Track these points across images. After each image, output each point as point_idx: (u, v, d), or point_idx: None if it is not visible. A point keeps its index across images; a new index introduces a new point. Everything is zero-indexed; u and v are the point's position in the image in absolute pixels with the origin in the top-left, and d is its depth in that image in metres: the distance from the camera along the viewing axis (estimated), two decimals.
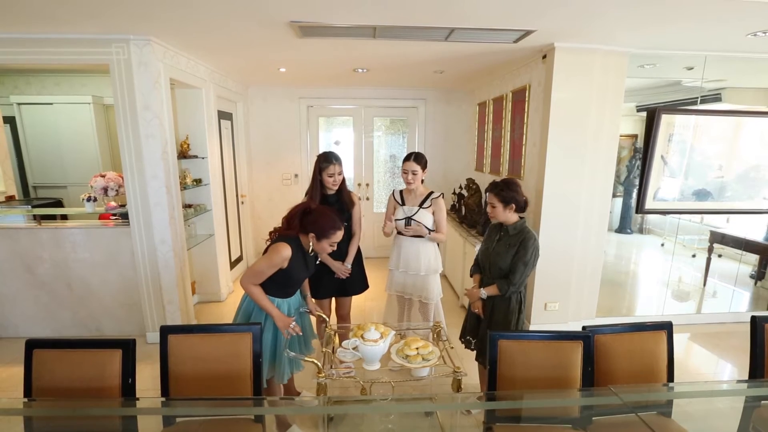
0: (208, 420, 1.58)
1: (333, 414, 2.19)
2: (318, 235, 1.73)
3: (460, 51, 2.92)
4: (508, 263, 1.93)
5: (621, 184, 6.05)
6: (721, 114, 3.16)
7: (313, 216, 1.75)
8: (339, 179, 2.32)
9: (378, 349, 1.65)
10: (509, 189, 1.91)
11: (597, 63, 2.81)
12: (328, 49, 2.92)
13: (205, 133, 3.49)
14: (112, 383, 1.42)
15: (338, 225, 1.76)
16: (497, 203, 1.93)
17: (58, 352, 1.43)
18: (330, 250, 1.81)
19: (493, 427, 1.52)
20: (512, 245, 1.92)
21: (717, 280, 4.43)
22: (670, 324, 1.62)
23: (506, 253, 1.93)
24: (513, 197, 1.90)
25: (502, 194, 1.91)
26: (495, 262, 1.97)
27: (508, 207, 1.91)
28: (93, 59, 2.58)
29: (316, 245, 1.76)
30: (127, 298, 3.02)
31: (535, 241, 1.92)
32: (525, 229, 1.95)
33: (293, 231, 1.77)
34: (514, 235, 1.94)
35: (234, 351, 1.55)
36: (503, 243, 1.96)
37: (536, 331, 1.56)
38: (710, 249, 4.26)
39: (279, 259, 1.69)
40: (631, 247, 6.12)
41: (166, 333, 1.54)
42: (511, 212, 1.93)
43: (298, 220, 1.76)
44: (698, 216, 5.09)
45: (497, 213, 1.95)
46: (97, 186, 2.85)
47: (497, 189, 1.93)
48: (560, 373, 1.50)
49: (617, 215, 6.17)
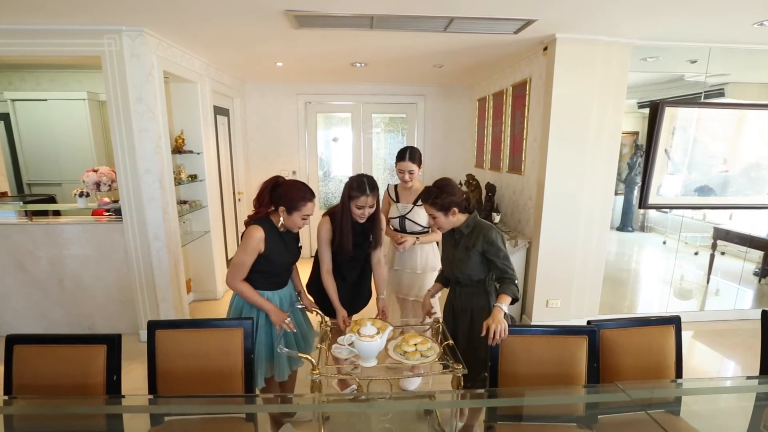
0: (198, 419, 1.52)
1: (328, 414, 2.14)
2: (288, 208, 1.64)
3: (460, 43, 2.87)
4: (475, 268, 1.70)
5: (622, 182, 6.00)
6: (725, 107, 3.11)
7: (281, 189, 1.67)
8: (369, 212, 1.90)
9: (375, 345, 1.59)
10: (444, 193, 1.66)
11: (599, 55, 2.76)
12: (325, 42, 2.86)
13: (200, 129, 3.43)
14: (97, 380, 1.37)
15: (308, 196, 1.66)
16: (437, 213, 1.68)
17: (41, 348, 1.38)
18: (302, 225, 1.70)
19: (494, 426, 1.46)
20: (472, 246, 1.69)
21: (720, 278, 4.37)
22: (679, 318, 1.56)
23: (470, 258, 1.69)
24: (451, 201, 1.66)
25: (437, 202, 1.66)
26: (463, 270, 1.72)
27: (450, 213, 1.68)
28: (84, 51, 2.53)
29: (287, 220, 1.66)
30: (121, 295, 2.96)
31: (494, 230, 1.70)
32: (479, 223, 1.72)
33: (263, 210, 1.69)
34: (469, 234, 1.72)
35: (225, 347, 1.49)
36: (462, 247, 1.73)
37: (539, 325, 1.50)
38: (714, 246, 4.20)
39: (254, 242, 1.61)
40: (632, 245, 6.07)
41: (154, 328, 1.48)
42: (454, 216, 1.70)
43: (268, 195, 1.68)
44: (701, 214, 5.04)
45: (441, 223, 1.71)
46: (90, 181, 2.80)
47: (431, 198, 1.68)
48: (564, 370, 1.44)
49: (618, 213, 6.12)
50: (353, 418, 2.17)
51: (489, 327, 1.45)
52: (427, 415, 2.18)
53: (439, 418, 2.07)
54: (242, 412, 1.49)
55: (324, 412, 2.08)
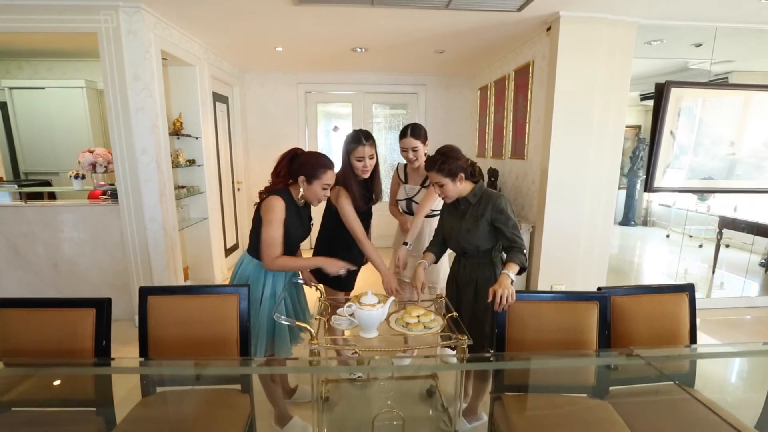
0: (191, 390, 1.45)
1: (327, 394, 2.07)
2: (308, 177, 1.58)
3: (462, 23, 2.82)
4: (483, 238, 1.62)
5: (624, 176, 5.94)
6: (730, 87, 3.06)
7: (300, 158, 1.62)
8: (371, 164, 1.91)
9: (376, 315, 1.52)
10: (450, 159, 1.58)
11: (604, 34, 2.71)
12: (324, 22, 2.82)
13: (199, 113, 3.38)
14: (85, 345, 1.30)
15: (329, 164, 1.60)
16: (444, 179, 1.58)
17: (25, 312, 1.31)
18: (322, 196, 1.64)
19: (502, 397, 1.39)
20: (480, 215, 1.61)
21: (725, 271, 4.31)
22: (692, 286, 1.50)
23: (478, 228, 1.61)
24: (458, 167, 1.58)
25: (444, 168, 1.57)
26: (471, 241, 1.64)
27: (458, 179, 1.60)
28: (81, 27, 2.48)
29: (307, 190, 1.60)
30: (116, 279, 2.90)
31: (503, 198, 1.62)
32: (486, 192, 1.64)
33: (281, 182, 1.63)
34: (477, 203, 1.63)
35: (220, 314, 1.43)
36: (470, 217, 1.64)
37: (548, 291, 1.44)
38: (719, 236, 4.14)
39: (278, 213, 1.55)
40: (635, 239, 6.00)
41: (146, 294, 1.42)
42: (462, 183, 1.62)
43: (286, 167, 1.62)
44: (705, 206, 4.98)
45: (448, 191, 1.61)
46: (85, 161, 2.74)
47: (437, 165, 1.58)
48: (574, 336, 1.37)
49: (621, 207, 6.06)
50: (353, 400, 2.11)
51: (495, 292, 1.39)
52: (429, 397, 2.12)
53: (443, 398, 2.01)
54: (237, 374, 1.42)
55: (324, 392, 2.02)
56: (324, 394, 2.02)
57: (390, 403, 1.73)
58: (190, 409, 1.38)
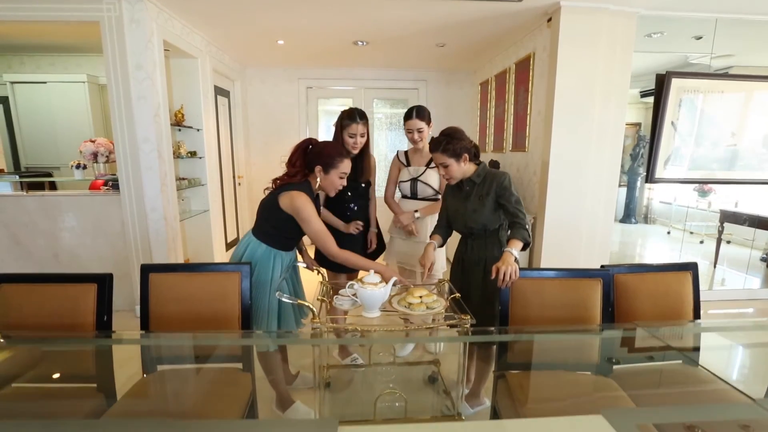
0: (192, 369, 1.45)
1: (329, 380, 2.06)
2: (325, 167, 1.57)
3: (462, 14, 2.84)
4: (489, 217, 1.64)
5: (625, 174, 5.93)
6: (731, 78, 3.06)
7: (315, 148, 1.61)
8: (361, 141, 1.99)
9: (378, 293, 1.52)
10: (454, 139, 1.60)
11: (605, 24, 2.72)
12: (326, 14, 2.83)
13: (200, 106, 3.39)
14: (86, 320, 1.30)
15: (344, 152, 1.62)
16: (449, 160, 1.60)
17: (27, 287, 1.31)
18: (339, 185, 1.64)
19: (505, 375, 1.38)
20: (485, 194, 1.63)
21: (726, 267, 4.31)
22: (695, 264, 1.50)
23: (484, 207, 1.63)
24: (462, 147, 1.59)
25: (449, 148, 1.59)
26: (477, 220, 1.66)
27: (462, 159, 1.61)
28: (83, 16, 2.49)
29: (324, 180, 1.60)
30: (116, 269, 2.87)
31: (507, 176, 1.64)
32: (490, 171, 1.67)
33: (298, 175, 1.61)
34: (481, 183, 1.65)
35: (221, 291, 1.43)
36: (475, 196, 1.67)
37: (551, 268, 1.43)
38: (721, 227, 4.13)
39: (310, 205, 1.53)
40: (636, 236, 6.00)
41: (148, 272, 1.41)
42: (466, 164, 1.64)
43: (301, 158, 1.61)
44: (705, 202, 4.99)
45: (453, 171, 1.63)
46: (87, 151, 2.74)
47: (441, 145, 1.60)
48: (578, 313, 1.37)
49: (622, 205, 6.05)
50: (355, 386, 2.10)
51: (499, 269, 1.39)
52: (431, 383, 2.10)
53: (445, 384, 2.00)
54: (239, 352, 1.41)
55: (325, 378, 2.01)
56: (326, 379, 2.01)
57: (392, 386, 1.71)
58: (191, 387, 1.37)
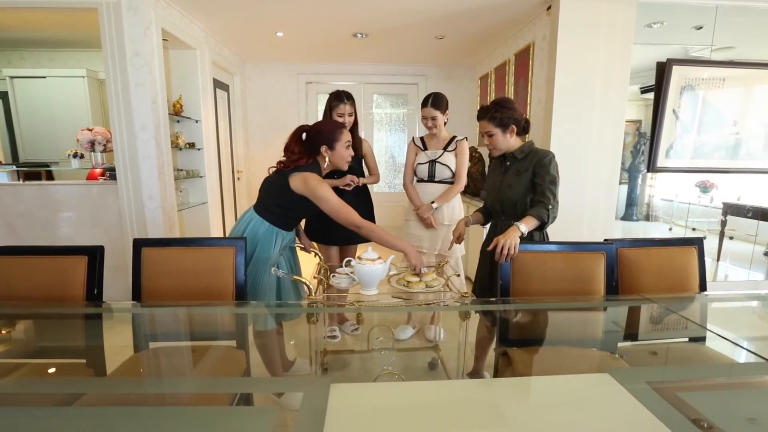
0: (185, 346, 1.41)
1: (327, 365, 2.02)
2: (330, 143, 1.55)
3: (462, 3, 2.83)
4: (522, 194, 1.56)
5: (625, 171, 5.90)
6: (733, 66, 3.04)
7: (311, 131, 1.59)
8: (350, 121, 2.09)
9: (376, 270, 1.48)
10: (504, 108, 1.54)
11: (604, 12, 2.71)
12: (325, 4, 2.83)
13: (199, 97, 3.38)
14: (75, 293, 1.27)
15: (339, 124, 1.62)
16: (494, 129, 1.56)
17: (16, 259, 1.28)
18: (350, 155, 1.61)
19: (507, 352, 1.34)
20: (524, 170, 1.56)
21: (729, 263, 4.27)
22: (701, 239, 1.46)
23: (518, 182, 1.56)
24: (511, 117, 1.54)
25: (497, 117, 1.54)
26: (509, 195, 1.59)
27: (509, 130, 1.56)
28: (81, 2, 2.49)
29: (333, 157, 1.57)
30: (113, 260, 2.85)
31: (551, 155, 1.55)
32: (535, 149, 1.60)
33: (302, 158, 1.57)
34: (522, 159, 1.58)
35: (215, 265, 1.40)
36: (513, 171, 1.60)
37: (554, 241, 1.40)
38: (724, 219, 4.10)
39: (323, 183, 1.51)
40: (638, 233, 5.95)
41: (140, 246, 1.39)
42: (513, 136, 1.58)
43: (298, 144, 1.57)
44: (707, 198, 4.95)
45: (497, 141, 1.58)
46: (84, 140, 2.72)
47: (490, 113, 1.56)
48: (581, 287, 1.33)
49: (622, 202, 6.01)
50: (353, 372, 2.06)
51: (498, 242, 1.35)
52: (432, 370, 2.06)
53: (446, 370, 1.96)
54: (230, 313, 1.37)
55: (323, 363, 1.97)
56: (323, 365, 1.97)
57: (390, 368, 1.67)
58: (184, 364, 1.33)
